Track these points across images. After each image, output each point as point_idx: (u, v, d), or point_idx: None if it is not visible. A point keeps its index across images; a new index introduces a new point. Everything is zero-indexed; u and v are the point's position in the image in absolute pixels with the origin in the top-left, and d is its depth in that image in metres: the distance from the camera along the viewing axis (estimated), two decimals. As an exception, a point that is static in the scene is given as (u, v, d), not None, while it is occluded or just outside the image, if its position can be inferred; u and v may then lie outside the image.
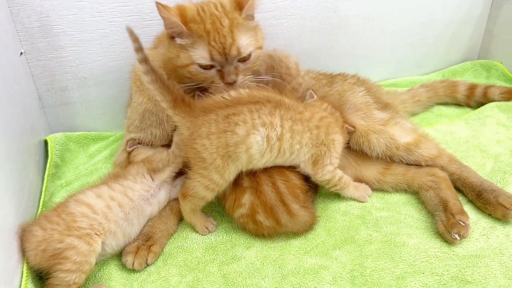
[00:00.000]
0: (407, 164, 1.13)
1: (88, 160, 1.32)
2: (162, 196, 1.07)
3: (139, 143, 1.17)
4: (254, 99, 0.99)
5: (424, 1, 1.54)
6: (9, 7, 1.17)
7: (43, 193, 1.13)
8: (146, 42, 1.30)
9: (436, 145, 1.16)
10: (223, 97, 1.00)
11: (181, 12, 1.02)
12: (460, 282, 0.90)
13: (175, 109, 0.97)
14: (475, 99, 1.48)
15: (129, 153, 1.17)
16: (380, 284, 0.91)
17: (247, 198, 1.01)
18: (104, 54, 1.30)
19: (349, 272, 0.94)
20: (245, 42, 1.03)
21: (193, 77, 1.05)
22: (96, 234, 0.91)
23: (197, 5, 1.05)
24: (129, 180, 1.02)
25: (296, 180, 1.06)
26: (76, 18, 1.23)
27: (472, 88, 1.48)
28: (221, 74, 1.04)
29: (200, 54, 1.01)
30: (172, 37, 1.04)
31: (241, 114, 0.95)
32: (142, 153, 1.15)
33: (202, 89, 1.08)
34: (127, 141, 1.17)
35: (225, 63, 1.03)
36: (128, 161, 1.16)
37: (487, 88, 1.45)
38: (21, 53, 1.22)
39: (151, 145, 1.17)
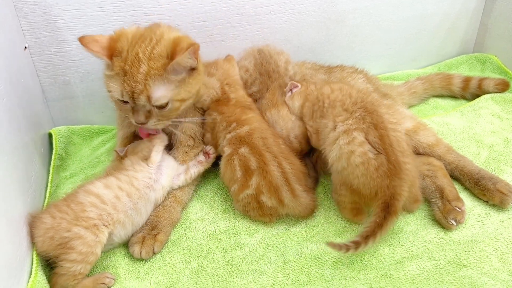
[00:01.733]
0: None
1: (91, 153, 1.34)
2: (164, 179, 1.08)
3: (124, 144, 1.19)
4: None
5: (420, -5, 1.57)
6: (13, 2, 1.18)
7: (49, 185, 1.16)
8: (148, 36, 1.33)
9: (434, 134, 1.19)
10: None
11: (111, 44, 0.99)
12: (456, 266, 0.93)
13: None
14: (470, 91, 1.51)
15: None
16: (379, 268, 0.94)
17: (254, 180, 1.04)
18: (106, 48, 1.31)
19: (349, 257, 0.97)
20: (159, 94, 0.98)
21: (116, 105, 1.05)
22: (104, 225, 0.93)
23: (135, 36, 1.00)
24: (131, 171, 1.04)
25: (299, 165, 1.09)
26: (79, 12, 1.25)
27: (467, 80, 1.51)
28: (133, 111, 1.02)
29: (115, 88, 0.99)
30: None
31: None
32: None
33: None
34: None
35: (135, 105, 1.00)
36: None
37: (481, 80, 1.49)
38: (25, 48, 1.24)
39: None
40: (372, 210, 0.95)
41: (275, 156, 1.05)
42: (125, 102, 1.01)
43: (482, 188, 1.08)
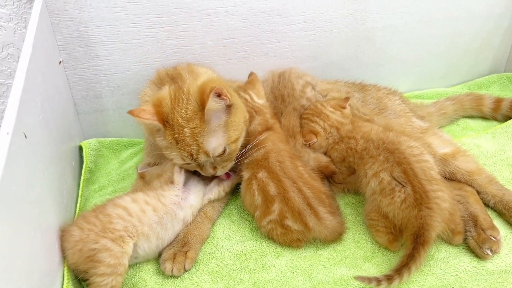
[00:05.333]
0: (443, 177, 1.12)
1: (120, 166, 1.36)
2: (193, 199, 1.08)
3: (148, 165, 1.22)
4: None
5: (451, 13, 1.55)
6: (50, 18, 1.21)
7: (79, 198, 1.18)
8: (178, 52, 1.36)
9: (475, 161, 1.16)
10: None
11: (157, 110, 1.00)
12: (490, 297, 0.91)
13: None
14: (501, 112, 1.47)
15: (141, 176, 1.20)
16: (410, 296, 0.92)
17: (276, 206, 1.03)
18: (138, 63, 1.34)
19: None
20: (213, 145, 1.00)
21: (148, 135, 1.09)
22: (129, 236, 0.94)
23: (172, 100, 1.01)
24: (159, 189, 1.05)
25: (319, 186, 1.08)
26: (112, 28, 1.27)
27: (498, 101, 1.47)
28: (200, 167, 1.06)
29: (175, 156, 1.02)
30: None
31: None
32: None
33: None
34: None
35: (199, 163, 1.03)
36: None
37: (513, 101, 1.45)
38: (60, 62, 1.27)
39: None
40: (405, 242, 0.95)
41: (294, 182, 1.05)
42: (188, 164, 1.04)
43: None
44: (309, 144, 1.18)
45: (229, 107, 1.03)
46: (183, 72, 1.08)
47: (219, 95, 0.98)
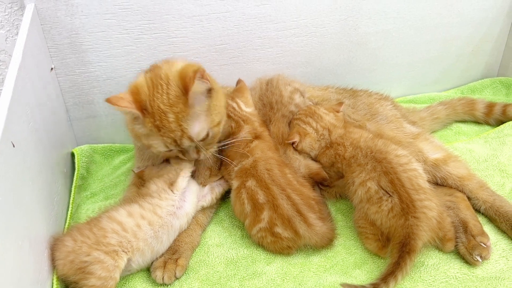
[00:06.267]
0: (434, 183, 1.13)
1: (112, 172, 1.35)
2: (188, 207, 1.08)
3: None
4: None
5: (443, 19, 1.55)
6: (41, 24, 1.21)
7: (70, 205, 1.17)
8: (171, 58, 1.35)
9: (467, 167, 1.16)
10: None
11: (135, 97, 0.98)
12: (479, 304, 0.91)
13: None
14: (494, 116, 1.48)
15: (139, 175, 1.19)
16: (400, 303, 0.92)
17: (265, 214, 1.03)
18: (130, 69, 1.34)
19: (368, 291, 0.95)
20: (196, 129, 0.99)
21: (136, 142, 1.07)
22: (123, 251, 0.93)
23: (150, 88, 0.98)
24: (156, 198, 1.04)
25: (308, 192, 1.08)
26: (104, 35, 1.27)
27: (491, 106, 1.48)
28: (183, 152, 1.05)
29: (157, 143, 1.00)
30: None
31: None
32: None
33: None
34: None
35: (182, 148, 1.02)
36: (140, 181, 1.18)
37: (506, 106, 1.45)
38: (52, 69, 1.27)
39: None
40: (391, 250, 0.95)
41: (283, 189, 1.04)
42: (170, 150, 1.02)
43: None
44: (293, 144, 1.17)
45: (209, 91, 1.02)
46: (157, 63, 1.06)
47: (202, 77, 0.98)
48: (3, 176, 0.76)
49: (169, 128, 0.97)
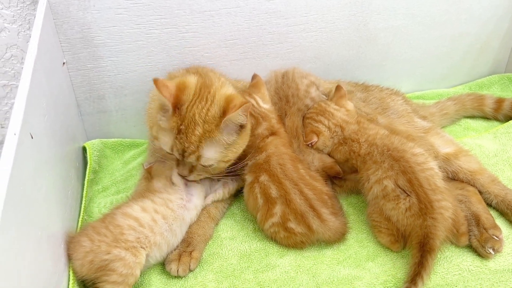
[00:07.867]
0: (446, 177, 1.12)
1: (123, 167, 1.36)
2: (196, 200, 1.08)
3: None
4: None
5: (452, 15, 1.56)
6: (53, 19, 1.22)
7: (83, 199, 1.18)
8: (181, 53, 1.36)
9: (478, 161, 1.16)
10: None
11: (177, 93, 0.98)
12: (493, 296, 0.91)
13: None
14: (503, 112, 1.48)
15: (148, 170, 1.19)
16: (414, 296, 0.93)
17: (278, 208, 1.04)
18: (141, 64, 1.34)
19: (382, 283, 0.96)
20: (208, 155, 0.99)
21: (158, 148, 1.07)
22: (141, 247, 0.94)
23: (196, 93, 0.99)
24: (165, 193, 1.04)
25: (321, 187, 1.08)
26: (115, 30, 1.28)
27: (499, 101, 1.48)
28: (178, 163, 1.03)
29: (165, 141, 1.00)
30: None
31: None
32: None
33: None
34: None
35: (183, 161, 1.01)
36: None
37: (515, 102, 1.46)
38: (64, 63, 1.27)
39: None
40: (410, 250, 0.96)
41: (295, 184, 1.05)
42: (170, 153, 1.02)
43: None
44: (311, 144, 1.18)
45: (242, 127, 1.02)
46: (210, 74, 1.07)
47: (246, 111, 0.98)
48: (24, 167, 0.76)
49: (189, 138, 0.97)
